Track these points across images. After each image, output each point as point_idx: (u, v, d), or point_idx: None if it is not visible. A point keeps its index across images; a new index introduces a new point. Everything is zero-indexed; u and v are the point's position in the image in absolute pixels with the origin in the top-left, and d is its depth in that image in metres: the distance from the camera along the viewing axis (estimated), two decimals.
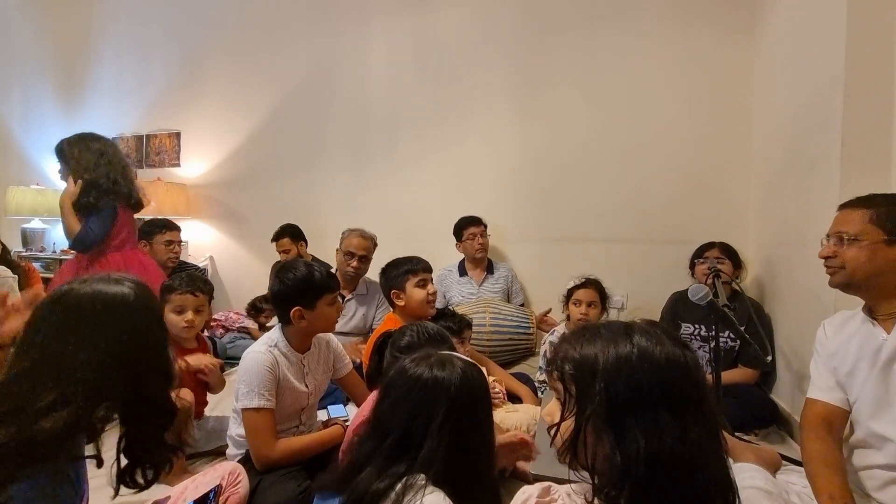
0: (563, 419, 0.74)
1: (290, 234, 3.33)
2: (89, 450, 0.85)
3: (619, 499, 0.66)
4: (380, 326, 2.10)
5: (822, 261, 1.31)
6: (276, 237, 3.34)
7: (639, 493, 0.65)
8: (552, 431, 0.76)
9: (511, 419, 1.84)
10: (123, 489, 0.90)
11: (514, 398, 2.15)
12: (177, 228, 2.91)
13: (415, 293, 1.96)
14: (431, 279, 2.07)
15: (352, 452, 0.95)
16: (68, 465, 0.79)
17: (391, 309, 2.87)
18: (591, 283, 2.31)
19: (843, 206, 1.32)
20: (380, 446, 0.90)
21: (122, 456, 0.87)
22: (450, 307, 2.59)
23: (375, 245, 2.86)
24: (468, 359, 1.00)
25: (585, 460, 0.71)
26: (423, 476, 0.85)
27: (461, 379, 0.91)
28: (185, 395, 1.71)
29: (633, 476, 0.65)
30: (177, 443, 0.90)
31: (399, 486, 0.84)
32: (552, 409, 0.79)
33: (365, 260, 2.76)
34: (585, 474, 0.73)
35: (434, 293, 2.03)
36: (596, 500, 0.68)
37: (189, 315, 1.84)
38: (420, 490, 0.83)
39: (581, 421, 0.70)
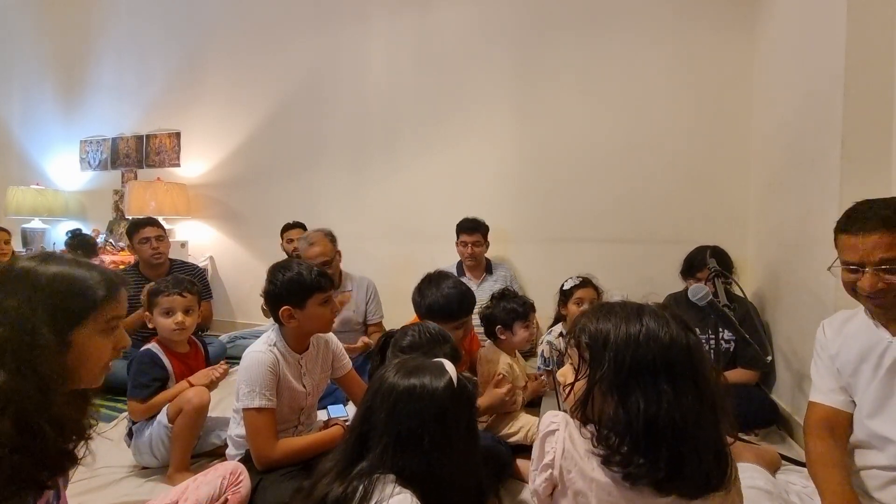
0: (576, 380, 0.87)
1: (304, 228, 3.27)
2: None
3: (620, 447, 0.78)
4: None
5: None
6: (287, 228, 3.32)
7: (637, 444, 0.78)
8: (566, 390, 0.90)
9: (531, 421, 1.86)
10: (126, 489, 0.87)
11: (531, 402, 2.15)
12: (150, 224, 2.74)
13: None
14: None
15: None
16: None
17: (378, 299, 2.83)
18: (590, 283, 2.35)
19: (865, 230, 1.13)
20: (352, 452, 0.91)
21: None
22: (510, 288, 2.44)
23: (332, 237, 2.69)
24: (458, 372, 0.97)
25: (592, 414, 0.84)
26: (392, 476, 0.86)
27: (441, 389, 0.91)
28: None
29: (633, 430, 0.77)
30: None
31: (364, 485, 0.85)
32: (566, 371, 0.90)
33: (332, 263, 2.62)
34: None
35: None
36: (599, 447, 0.81)
37: (179, 317, 1.82)
38: (389, 488, 0.84)
39: (592, 382, 0.83)
